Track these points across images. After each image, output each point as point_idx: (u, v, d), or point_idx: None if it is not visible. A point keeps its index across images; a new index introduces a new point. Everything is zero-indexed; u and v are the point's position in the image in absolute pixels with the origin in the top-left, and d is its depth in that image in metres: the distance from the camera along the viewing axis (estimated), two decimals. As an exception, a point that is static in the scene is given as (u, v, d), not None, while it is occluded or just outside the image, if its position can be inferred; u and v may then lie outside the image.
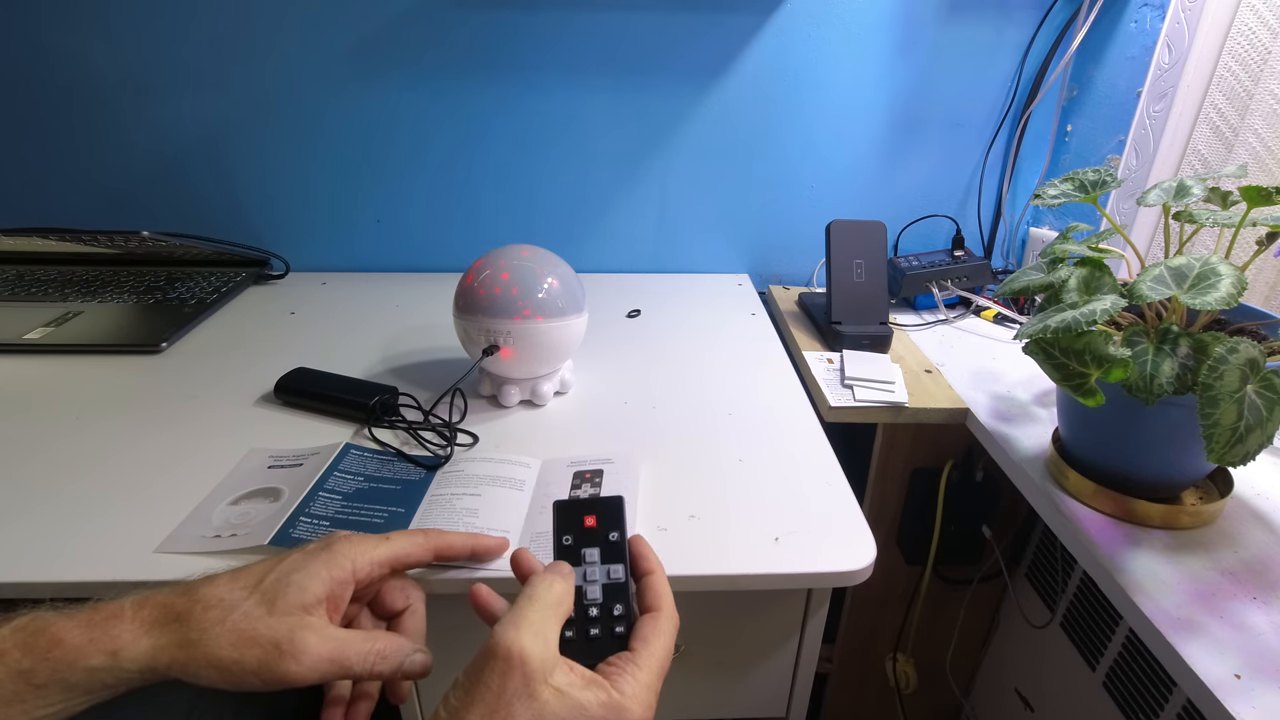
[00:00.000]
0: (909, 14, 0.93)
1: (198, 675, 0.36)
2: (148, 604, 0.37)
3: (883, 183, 1.04)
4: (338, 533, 0.42)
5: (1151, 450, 0.56)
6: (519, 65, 0.94)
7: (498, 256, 0.67)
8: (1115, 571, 0.51)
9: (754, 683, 0.60)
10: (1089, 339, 0.49)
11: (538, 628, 0.34)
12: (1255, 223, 0.50)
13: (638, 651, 0.36)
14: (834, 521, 0.55)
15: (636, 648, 0.37)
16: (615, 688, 0.34)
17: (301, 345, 0.83)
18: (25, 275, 0.97)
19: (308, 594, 0.38)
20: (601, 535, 0.40)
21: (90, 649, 0.35)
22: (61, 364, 0.77)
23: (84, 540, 0.51)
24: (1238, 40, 0.74)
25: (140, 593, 0.38)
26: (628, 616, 0.38)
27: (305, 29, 0.91)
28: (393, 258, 1.06)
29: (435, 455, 0.61)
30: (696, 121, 0.99)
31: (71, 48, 0.92)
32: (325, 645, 0.37)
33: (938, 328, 0.94)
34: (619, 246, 1.07)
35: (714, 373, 0.78)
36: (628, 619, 0.38)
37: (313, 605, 0.38)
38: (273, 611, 0.37)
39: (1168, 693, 0.63)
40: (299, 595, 0.37)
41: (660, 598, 0.39)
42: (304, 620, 0.37)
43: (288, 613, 0.37)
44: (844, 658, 0.98)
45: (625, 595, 0.38)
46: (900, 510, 0.87)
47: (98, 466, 0.60)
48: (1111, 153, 0.89)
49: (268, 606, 0.37)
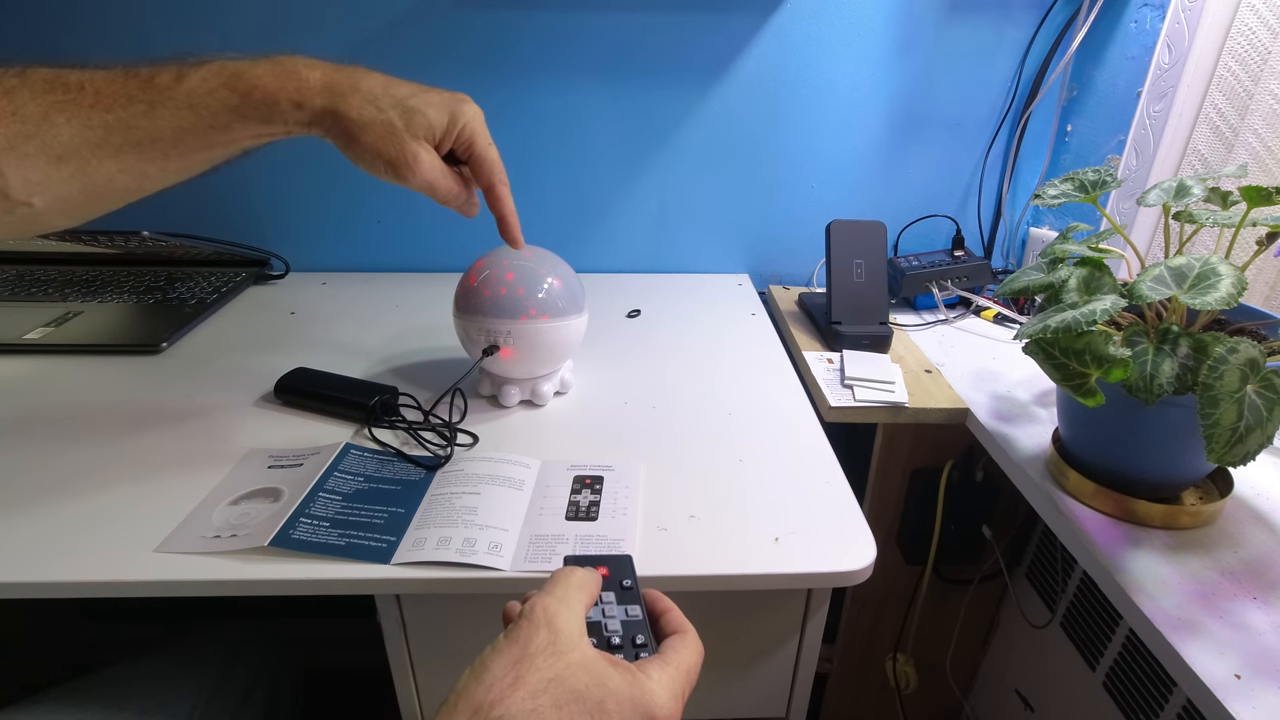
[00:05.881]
0: (909, 14, 0.93)
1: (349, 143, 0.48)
2: (317, 67, 0.47)
3: (883, 183, 1.04)
4: (469, 99, 0.52)
5: (1151, 450, 0.56)
6: (519, 66, 0.94)
7: (499, 256, 0.67)
8: (1115, 571, 0.51)
9: (754, 683, 0.60)
10: (1089, 339, 0.49)
11: (566, 599, 0.35)
12: (1255, 223, 0.50)
13: (665, 654, 0.36)
14: (834, 521, 0.55)
15: (664, 651, 0.36)
16: (642, 671, 0.34)
17: (301, 345, 0.83)
18: (25, 275, 0.97)
19: (433, 130, 0.50)
20: (614, 582, 0.40)
21: (281, 95, 0.46)
22: (61, 364, 0.77)
23: (84, 540, 0.51)
24: (1238, 40, 0.74)
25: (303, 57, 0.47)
26: (649, 646, 0.38)
27: (306, 30, 0.91)
28: (393, 258, 1.06)
29: (435, 455, 0.61)
30: (696, 121, 0.99)
31: (73, 48, 0.92)
32: (431, 172, 0.50)
33: (938, 328, 0.94)
34: (619, 246, 1.07)
35: (714, 373, 0.78)
36: (649, 648, 0.38)
37: (431, 137, 0.50)
38: (408, 128, 0.49)
39: (1168, 693, 0.63)
40: (426, 125, 0.49)
41: (684, 625, 0.39)
42: (424, 145, 0.50)
43: (415, 136, 0.49)
44: (844, 658, 0.98)
45: (645, 628, 0.38)
46: (900, 510, 0.87)
47: (97, 467, 0.60)
48: (1111, 153, 0.89)
49: (405, 122, 0.48)
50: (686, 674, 0.36)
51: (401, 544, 0.51)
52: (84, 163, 0.43)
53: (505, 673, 0.31)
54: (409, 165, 0.49)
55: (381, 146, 0.48)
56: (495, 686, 0.30)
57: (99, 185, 0.44)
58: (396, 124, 0.48)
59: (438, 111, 0.50)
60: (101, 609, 1.18)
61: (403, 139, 0.48)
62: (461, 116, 0.51)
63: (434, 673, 0.58)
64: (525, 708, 0.30)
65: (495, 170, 0.54)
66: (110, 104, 0.43)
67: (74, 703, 0.58)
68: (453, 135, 0.51)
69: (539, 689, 0.31)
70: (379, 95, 0.48)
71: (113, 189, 0.45)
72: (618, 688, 0.32)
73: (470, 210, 0.56)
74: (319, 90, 0.47)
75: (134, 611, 1.18)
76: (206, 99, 0.44)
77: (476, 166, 0.54)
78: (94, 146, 0.43)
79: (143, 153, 0.44)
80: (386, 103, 0.48)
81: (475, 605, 0.55)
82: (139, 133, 0.44)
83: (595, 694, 0.32)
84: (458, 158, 0.54)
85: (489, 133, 0.54)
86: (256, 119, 0.46)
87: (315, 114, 0.47)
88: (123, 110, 0.43)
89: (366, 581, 0.49)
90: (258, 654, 0.72)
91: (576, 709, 0.31)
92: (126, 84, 0.43)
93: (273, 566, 0.49)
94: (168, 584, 0.49)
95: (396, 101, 0.48)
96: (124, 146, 0.44)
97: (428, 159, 0.50)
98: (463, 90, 0.53)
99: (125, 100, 0.43)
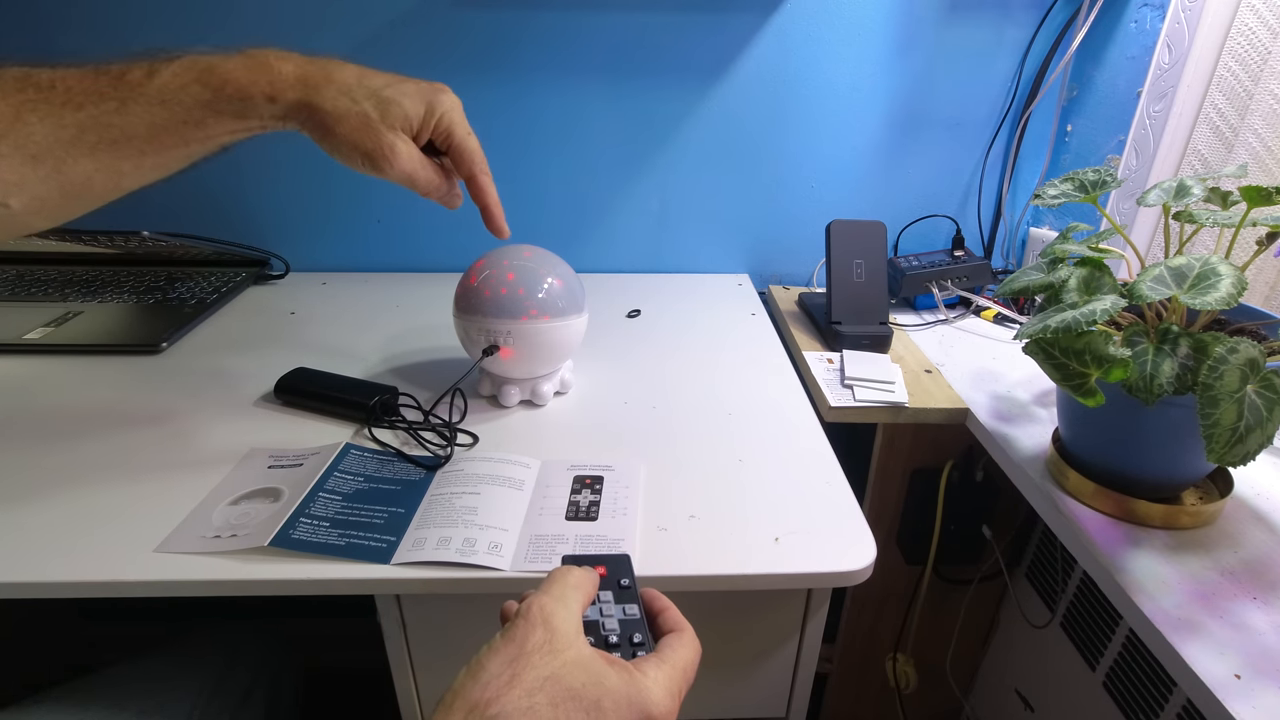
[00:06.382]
0: (909, 14, 0.93)
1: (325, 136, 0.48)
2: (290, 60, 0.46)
3: (883, 183, 1.04)
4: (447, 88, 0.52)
5: (1151, 450, 0.56)
6: (519, 66, 0.94)
7: (499, 256, 0.67)
8: (1115, 571, 0.51)
9: (754, 683, 0.60)
10: (1089, 339, 0.49)
11: (562, 598, 0.35)
12: (1255, 223, 0.50)
13: (662, 653, 0.36)
14: (834, 521, 0.55)
15: (661, 650, 0.36)
16: (638, 669, 0.34)
17: (301, 345, 0.83)
18: (25, 275, 0.97)
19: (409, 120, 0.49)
20: (612, 581, 0.40)
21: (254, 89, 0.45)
22: (61, 364, 0.77)
23: (84, 540, 0.51)
24: (1238, 40, 0.74)
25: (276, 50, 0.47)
26: (646, 645, 0.38)
27: (306, 30, 0.91)
28: (393, 258, 1.06)
29: (435, 455, 0.61)
30: (696, 121, 0.99)
31: (74, 49, 0.92)
32: (409, 163, 0.50)
33: (938, 328, 0.94)
34: (619, 246, 1.07)
35: (714, 373, 0.78)
36: (646, 647, 0.38)
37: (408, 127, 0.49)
38: (384, 119, 0.48)
39: (1168, 693, 0.63)
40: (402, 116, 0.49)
41: (681, 623, 0.39)
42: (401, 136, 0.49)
43: (391, 127, 0.48)
44: (844, 658, 0.98)
45: (642, 627, 0.38)
46: (900, 510, 0.87)
47: (97, 466, 0.60)
48: (1111, 153, 0.89)
49: (381, 113, 0.48)
50: (683, 672, 0.36)
51: (401, 544, 0.51)
52: (59, 162, 0.43)
53: (501, 671, 0.31)
54: (385, 157, 0.48)
55: (357, 138, 0.47)
56: (491, 685, 0.30)
57: (76, 185, 0.44)
58: (372, 115, 0.48)
59: (414, 101, 0.49)
60: (101, 609, 1.18)
61: (379, 130, 0.48)
62: (439, 106, 0.50)
63: (434, 673, 0.58)
64: (521, 706, 0.30)
65: (475, 160, 0.54)
66: (82, 102, 0.42)
67: (74, 703, 0.59)
68: (430, 125, 0.51)
69: (535, 687, 0.31)
70: (353, 86, 0.47)
71: (90, 189, 0.45)
72: (614, 686, 0.32)
73: (453, 202, 0.55)
74: (292, 83, 0.46)
75: (134, 611, 1.18)
76: (179, 94, 0.44)
77: (456, 156, 0.53)
78: (68, 145, 0.43)
79: (118, 150, 0.44)
80: (361, 94, 0.47)
81: (475, 605, 0.55)
82: (113, 130, 0.43)
83: (591, 692, 0.32)
84: (438, 148, 0.53)
85: (468, 122, 0.53)
86: (230, 114, 0.45)
87: (289, 107, 0.46)
88: (94, 108, 0.43)
89: (366, 581, 0.49)
90: (258, 654, 0.72)
91: (573, 707, 0.31)
92: (97, 81, 0.43)
93: (273, 566, 0.49)
94: (167, 584, 0.49)
95: (371, 92, 0.48)
96: (98, 145, 0.43)
97: (405, 150, 0.49)
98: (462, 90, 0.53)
99: (96, 98, 0.43)
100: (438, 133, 0.52)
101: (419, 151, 0.51)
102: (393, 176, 0.50)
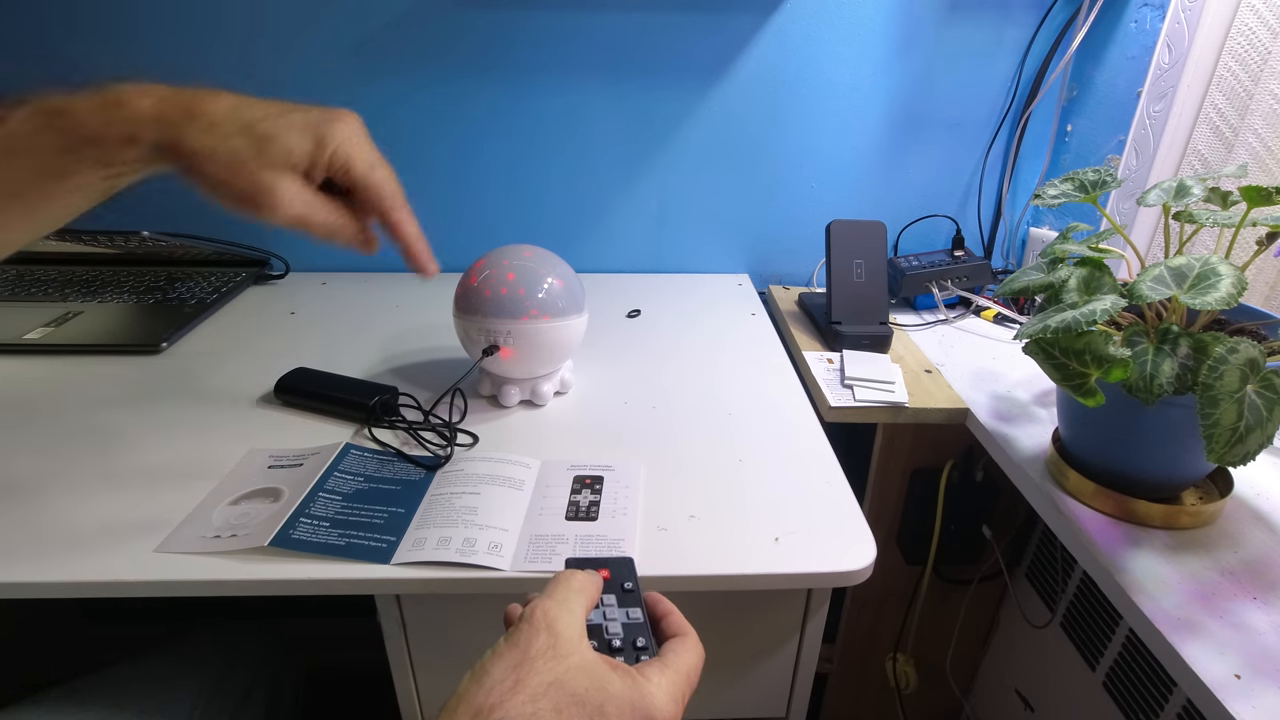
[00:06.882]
0: (909, 14, 0.93)
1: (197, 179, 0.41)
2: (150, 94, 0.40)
3: (883, 183, 1.04)
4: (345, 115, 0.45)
5: (1151, 450, 0.56)
6: (519, 66, 0.94)
7: (499, 256, 0.67)
8: (1115, 571, 0.51)
9: (754, 683, 0.60)
10: (1089, 339, 0.49)
11: (566, 602, 0.35)
12: (1255, 223, 0.50)
13: (665, 657, 0.36)
14: (834, 521, 0.55)
15: (664, 654, 0.36)
16: (642, 674, 0.34)
17: (301, 345, 0.83)
18: (25, 275, 0.97)
19: (292, 157, 0.42)
20: (616, 584, 0.40)
21: (108, 132, 0.39)
22: (61, 364, 0.77)
23: (84, 540, 0.51)
24: (1238, 40, 0.74)
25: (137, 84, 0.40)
26: (649, 649, 0.38)
27: (306, 30, 0.91)
28: (393, 258, 1.05)
29: (435, 455, 0.61)
30: (697, 121, 0.99)
31: (75, 52, 0.92)
32: (292, 206, 0.43)
33: (938, 328, 0.94)
34: (619, 246, 1.07)
35: (714, 373, 0.78)
36: (649, 651, 0.38)
37: (292, 165, 0.42)
38: (260, 156, 0.41)
39: (1168, 693, 0.63)
40: (283, 152, 0.42)
41: (685, 628, 0.39)
42: (284, 175, 0.42)
43: (270, 165, 0.41)
44: (844, 658, 0.98)
45: (646, 631, 0.38)
46: (900, 510, 0.87)
47: (97, 467, 0.60)
48: (1111, 153, 0.89)
49: (257, 150, 0.41)
50: (686, 677, 0.36)
51: (401, 544, 0.51)
52: None
53: (505, 676, 0.31)
54: (263, 200, 0.41)
55: (228, 179, 0.41)
56: (495, 690, 0.31)
57: None
58: (244, 152, 0.41)
59: (300, 135, 0.42)
60: (101, 609, 1.18)
61: (252, 170, 0.41)
62: (331, 139, 0.43)
63: (434, 673, 0.58)
64: (525, 711, 0.30)
65: (383, 194, 0.47)
66: None
67: (74, 703, 0.58)
68: (323, 161, 0.43)
69: (539, 692, 0.31)
70: (222, 121, 0.41)
71: None
72: (617, 691, 0.32)
73: (367, 248, 0.49)
74: (149, 122, 0.40)
75: (134, 612, 1.18)
76: (27, 143, 0.39)
77: (360, 194, 0.46)
78: None
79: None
80: (232, 128, 0.41)
81: (475, 605, 0.55)
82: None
83: (595, 697, 0.32)
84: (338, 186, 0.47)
85: (373, 150, 0.46)
86: (92, 160, 0.39)
87: (152, 149, 0.40)
88: None
89: (366, 581, 0.49)
90: (258, 654, 0.72)
91: (576, 712, 0.31)
92: None
93: (273, 566, 0.49)
94: (168, 584, 0.49)
95: (244, 126, 0.41)
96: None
97: (289, 191, 0.42)
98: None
99: None
100: (333, 169, 0.44)
101: (309, 192, 0.44)
102: (278, 221, 0.43)
